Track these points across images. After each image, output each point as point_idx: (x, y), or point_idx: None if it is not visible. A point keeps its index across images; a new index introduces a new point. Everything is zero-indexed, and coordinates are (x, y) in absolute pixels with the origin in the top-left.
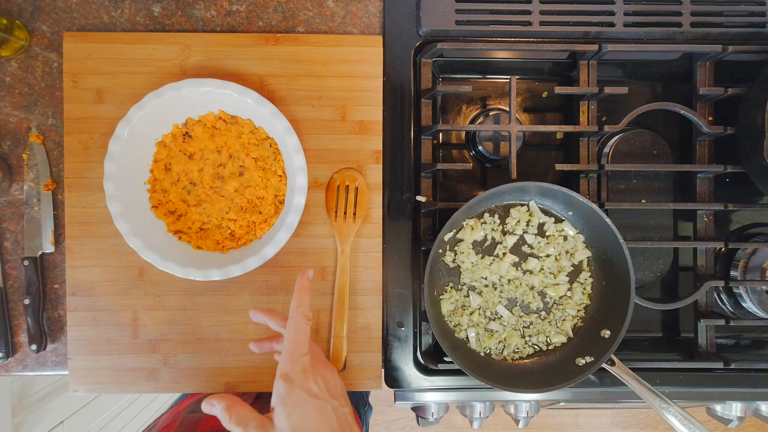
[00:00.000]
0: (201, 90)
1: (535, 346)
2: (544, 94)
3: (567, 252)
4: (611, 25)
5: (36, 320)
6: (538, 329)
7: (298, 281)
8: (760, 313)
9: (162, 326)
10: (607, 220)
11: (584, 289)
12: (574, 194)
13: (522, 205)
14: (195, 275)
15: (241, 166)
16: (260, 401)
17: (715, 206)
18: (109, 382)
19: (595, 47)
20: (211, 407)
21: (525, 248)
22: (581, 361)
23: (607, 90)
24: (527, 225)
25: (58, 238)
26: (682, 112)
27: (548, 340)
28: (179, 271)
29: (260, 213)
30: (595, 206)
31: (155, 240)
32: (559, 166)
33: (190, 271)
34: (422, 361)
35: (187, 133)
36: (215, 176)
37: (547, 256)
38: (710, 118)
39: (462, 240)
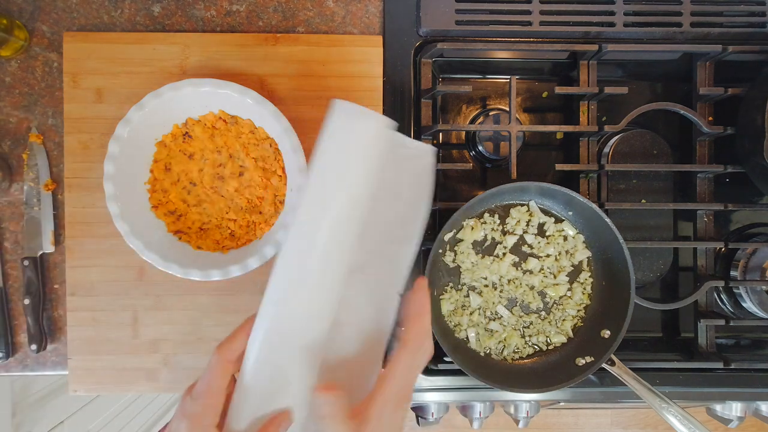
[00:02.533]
0: (201, 90)
1: (535, 346)
2: (544, 94)
3: (567, 252)
4: (611, 25)
5: (36, 320)
6: (538, 329)
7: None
8: (760, 313)
9: (162, 326)
10: (607, 220)
11: (584, 289)
12: (574, 194)
13: (522, 205)
14: (195, 275)
15: (241, 166)
16: None
17: (715, 206)
18: (109, 382)
19: (595, 47)
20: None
21: (525, 248)
22: (581, 361)
23: (607, 90)
24: (527, 225)
25: (58, 238)
26: (682, 112)
27: (548, 340)
28: (179, 272)
29: (260, 213)
30: (595, 206)
31: (155, 240)
32: (559, 166)
33: (190, 272)
34: None
35: (187, 133)
36: (215, 176)
37: (547, 256)
38: (710, 118)
39: (462, 240)
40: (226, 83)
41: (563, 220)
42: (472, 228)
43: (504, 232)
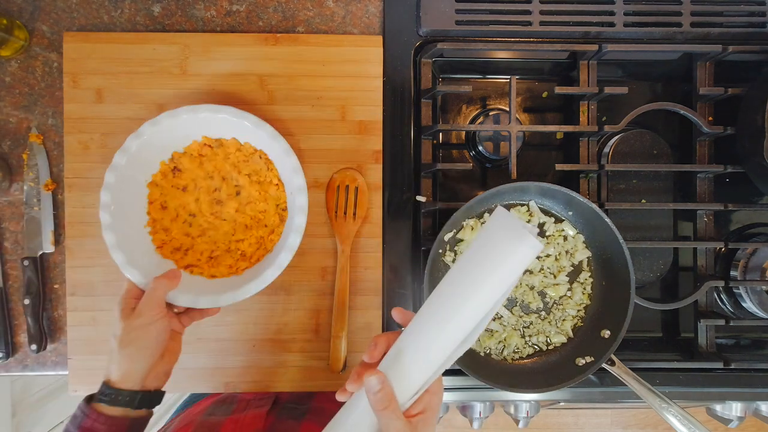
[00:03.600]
0: (180, 119)
1: (535, 346)
2: (544, 94)
3: (567, 252)
4: (611, 25)
5: (36, 320)
6: (538, 329)
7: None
8: (760, 313)
9: None
10: (607, 220)
11: (584, 289)
12: (574, 194)
13: (522, 205)
14: (216, 303)
15: (236, 186)
16: (276, 409)
17: (715, 206)
18: None
19: (595, 47)
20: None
21: None
22: (581, 361)
23: (607, 90)
24: None
25: (58, 238)
26: (682, 112)
27: (548, 340)
28: (196, 303)
29: (266, 226)
30: (595, 206)
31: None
32: (559, 166)
33: (204, 300)
34: None
35: (175, 167)
36: (213, 202)
37: (547, 256)
38: (710, 118)
39: (462, 240)
40: (200, 107)
41: (563, 220)
42: (472, 228)
43: None
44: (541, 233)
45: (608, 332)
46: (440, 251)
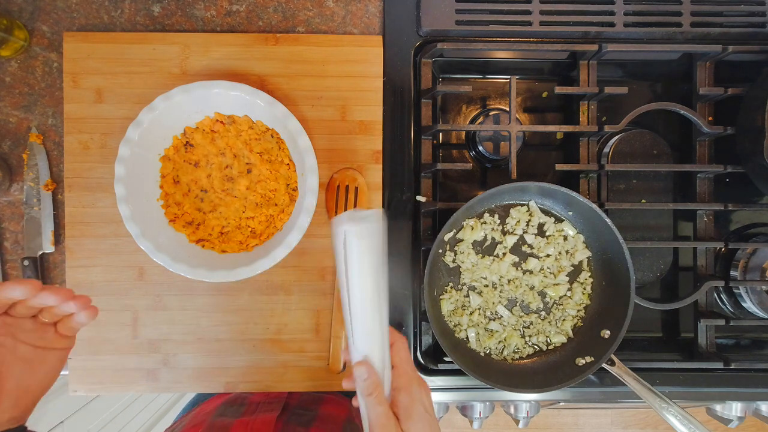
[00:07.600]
0: (193, 95)
1: (535, 346)
2: (544, 94)
3: (567, 252)
4: (611, 25)
5: None
6: (538, 329)
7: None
8: (760, 313)
9: (162, 326)
10: (607, 220)
11: (584, 289)
12: (574, 194)
13: (522, 205)
14: (226, 277)
15: (247, 164)
16: (285, 414)
17: (715, 206)
18: (109, 382)
19: (595, 47)
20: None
21: (525, 248)
22: (581, 361)
23: (607, 90)
24: (527, 225)
25: (58, 238)
26: (682, 112)
27: (548, 340)
28: (209, 276)
29: (276, 205)
30: (595, 206)
31: (180, 253)
32: (559, 166)
33: (218, 274)
34: (422, 361)
35: (187, 142)
36: (224, 179)
37: (547, 256)
38: (710, 118)
39: (462, 240)
40: (215, 83)
41: (563, 220)
42: (472, 228)
43: (504, 232)
44: (541, 233)
45: (608, 332)
46: (440, 251)
